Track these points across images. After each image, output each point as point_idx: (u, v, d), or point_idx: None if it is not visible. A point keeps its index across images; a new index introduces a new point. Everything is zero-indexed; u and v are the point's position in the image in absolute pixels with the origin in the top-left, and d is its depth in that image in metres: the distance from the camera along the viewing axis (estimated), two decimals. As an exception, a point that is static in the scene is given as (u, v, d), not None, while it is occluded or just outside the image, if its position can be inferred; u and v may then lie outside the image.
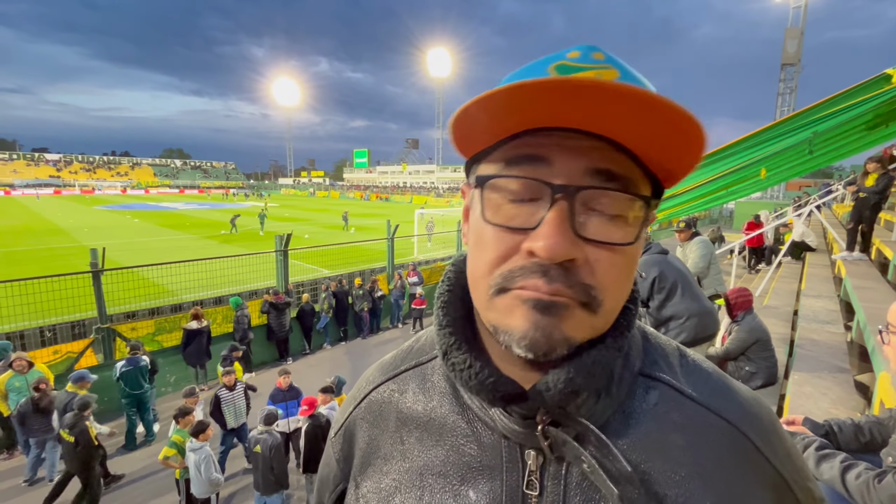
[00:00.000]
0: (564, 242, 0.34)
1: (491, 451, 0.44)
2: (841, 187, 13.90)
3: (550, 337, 0.36)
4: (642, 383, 0.45)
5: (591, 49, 0.38)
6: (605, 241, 0.36)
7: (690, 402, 0.44)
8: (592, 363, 0.38)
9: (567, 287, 0.36)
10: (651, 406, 0.43)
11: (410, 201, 57.57)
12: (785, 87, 38.02)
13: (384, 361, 0.57)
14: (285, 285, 9.35)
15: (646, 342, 0.48)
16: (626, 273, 0.38)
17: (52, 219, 29.68)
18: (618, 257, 0.37)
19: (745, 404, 0.45)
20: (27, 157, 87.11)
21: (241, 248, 17.06)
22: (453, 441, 0.45)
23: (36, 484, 5.05)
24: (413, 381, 0.51)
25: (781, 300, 6.27)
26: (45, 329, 8.04)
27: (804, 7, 36.23)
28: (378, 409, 0.52)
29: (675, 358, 0.48)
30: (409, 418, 0.49)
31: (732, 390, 0.46)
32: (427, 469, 0.45)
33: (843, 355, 3.84)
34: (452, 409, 0.47)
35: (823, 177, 33.86)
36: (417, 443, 0.47)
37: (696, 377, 0.46)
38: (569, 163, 0.36)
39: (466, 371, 0.41)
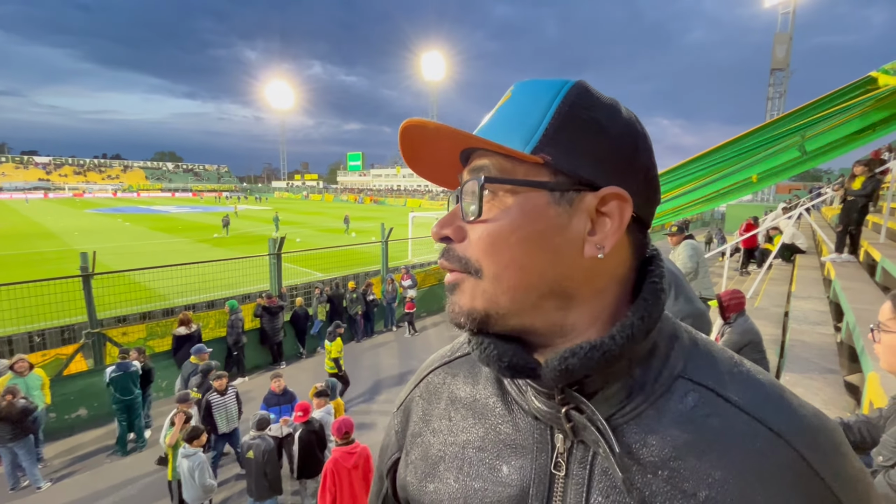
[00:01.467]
0: (435, 226, 0.47)
1: (525, 431, 0.48)
2: (830, 190, 14.10)
3: (453, 311, 0.46)
4: (682, 385, 0.44)
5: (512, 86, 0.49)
6: (467, 220, 0.45)
7: (734, 409, 0.43)
8: (590, 348, 0.41)
9: (447, 260, 0.47)
10: (688, 408, 0.43)
11: (405, 204, 57.55)
12: (774, 92, 38.50)
13: (443, 350, 0.64)
14: (279, 289, 9.30)
15: (693, 347, 0.48)
16: (490, 243, 0.44)
17: (42, 222, 29.32)
18: (479, 229, 0.44)
19: (802, 418, 0.42)
20: (16, 160, 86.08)
21: (234, 251, 16.93)
22: (493, 421, 0.51)
23: (22, 490, 4.97)
24: (464, 367, 0.58)
25: (772, 302, 6.33)
26: (35, 334, 7.94)
27: (793, 12, 36.75)
28: (433, 390, 0.59)
29: (727, 366, 0.46)
30: (458, 399, 0.56)
31: (788, 402, 0.43)
32: (468, 443, 0.51)
33: (833, 356, 3.88)
34: (495, 392, 0.53)
35: (813, 180, 34.34)
36: (462, 420, 0.53)
37: (746, 386, 0.44)
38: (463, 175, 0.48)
39: (478, 348, 0.47)
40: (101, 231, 25.20)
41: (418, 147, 0.47)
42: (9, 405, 4.79)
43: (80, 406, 6.29)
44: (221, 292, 9.78)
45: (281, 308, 8.50)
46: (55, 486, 5.08)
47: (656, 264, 0.47)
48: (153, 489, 4.97)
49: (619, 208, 0.43)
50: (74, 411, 6.25)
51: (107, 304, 7.55)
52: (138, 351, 6.13)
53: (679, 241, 5.50)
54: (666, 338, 0.47)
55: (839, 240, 6.49)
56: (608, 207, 0.43)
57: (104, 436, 6.05)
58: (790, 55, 37.52)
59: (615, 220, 0.43)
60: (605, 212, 0.43)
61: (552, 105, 0.43)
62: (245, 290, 10.32)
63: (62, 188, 74.35)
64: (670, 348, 0.47)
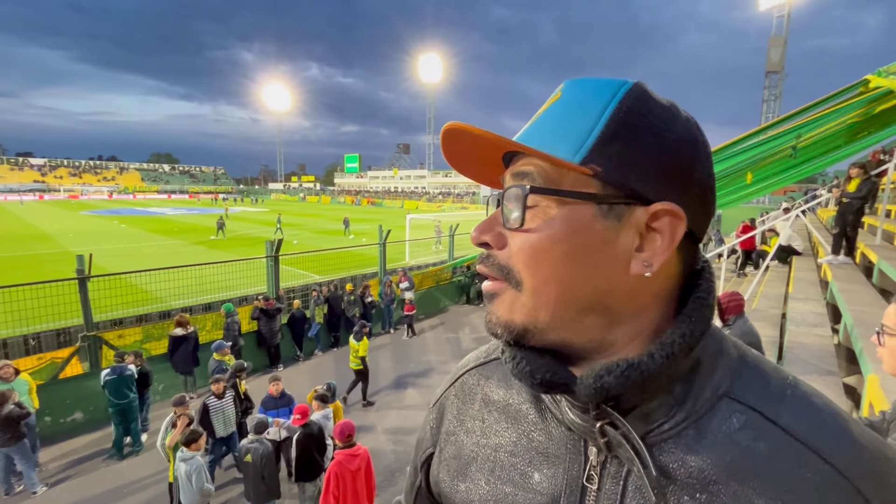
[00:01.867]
0: (475, 231, 0.46)
1: (558, 441, 0.48)
2: (825, 192, 14.18)
3: (490, 321, 0.45)
4: (727, 406, 0.42)
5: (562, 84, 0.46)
6: (509, 227, 0.44)
7: (784, 434, 0.40)
8: (628, 366, 0.39)
9: (487, 267, 0.45)
10: (733, 430, 0.41)
11: (402, 206, 57.55)
12: (770, 94, 38.79)
13: (479, 351, 0.64)
14: (276, 291, 9.27)
15: (742, 365, 0.45)
16: (532, 255, 0.42)
17: (37, 224, 29.14)
18: (521, 239, 0.42)
19: (863, 451, 0.39)
20: (11, 161, 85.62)
21: (231, 253, 16.87)
22: (526, 427, 0.51)
23: (16, 496, 4.93)
24: (498, 370, 0.58)
25: (770, 303, 6.36)
26: (30, 337, 7.88)
27: (787, 16, 37.06)
28: (468, 390, 0.59)
29: (779, 388, 0.43)
30: (492, 401, 0.56)
31: (848, 433, 0.40)
32: (500, 447, 0.52)
33: (831, 358, 3.89)
34: (528, 398, 0.52)
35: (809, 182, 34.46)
36: (495, 423, 0.54)
37: (801, 411, 0.41)
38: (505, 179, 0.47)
39: (511, 361, 0.45)
40: (96, 233, 25.07)
41: (460, 148, 0.46)
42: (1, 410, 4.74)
43: (76, 410, 6.24)
44: (218, 295, 9.73)
45: (278, 310, 8.47)
46: (51, 490, 5.03)
47: (705, 278, 0.45)
48: (149, 494, 4.94)
49: (671, 225, 0.40)
50: (70, 415, 6.19)
51: (103, 306, 7.51)
52: (135, 355, 6.09)
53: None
54: (710, 354, 0.44)
55: (835, 242, 6.51)
56: (659, 223, 0.40)
57: (100, 440, 6.01)
58: (785, 58, 37.82)
59: (666, 237, 0.40)
60: (655, 227, 0.41)
61: (606, 110, 0.40)
62: (242, 292, 10.29)
63: (58, 190, 73.97)
64: (715, 365, 0.44)
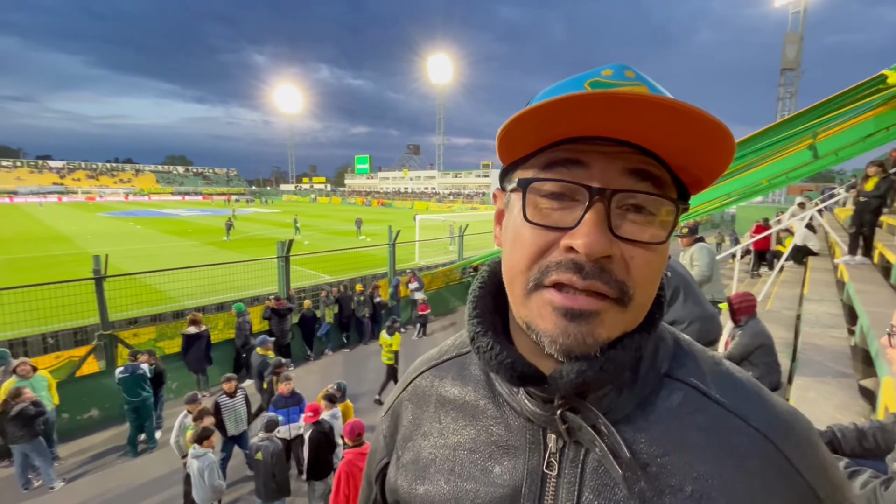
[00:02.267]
0: (602, 240, 0.38)
1: (516, 432, 0.48)
2: (843, 191, 13.89)
3: (584, 343, 0.40)
4: (668, 384, 0.46)
5: (624, 68, 0.42)
6: (639, 241, 0.39)
7: (717, 406, 0.45)
8: (606, 360, 0.41)
9: (602, 283, 0.39)
10: (674, 406, 0.45)
11: (412, 207, 57.70)
12: (785, 92, 38.11)
13: (430, 353, 0.63)
14: (287, 291, 9.36)
15: (677, 347, 0.50)
16: (657, 270, 0.41)
17: (56, 226, 29.81)
18: (651, 255, 0.40)
19: (778, 415, 0.45)
20: (31, 164, 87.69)
21: (243, 254, 17.08)
22: (484, 422, 0.51)
23: (34, 490, 5.05)
24: (453, 370, 0.57)
25: (784, 305, 6.25)
26: (48, 336, 8.07)
27: (803, 12, 36.38)
28: (421, 393, 0.59)
29: (708, 365, 0.48)
30: (448, 401, 0.55)
31: (765, 400, 0.46)
32: (459, 445, 0.51)
33: (846, 360, 3.82)
34: (485, 394, 0.52)
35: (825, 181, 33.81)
36: (453, 422, 0.53)
37: (727, 384, 0.47)
38: (605, 166, 0.39)
39: (488, 352, 0.45)
40: (113, 234, 25.56)
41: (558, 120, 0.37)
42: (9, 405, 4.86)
43: (92, 407, 6.38)
44: (230, 294, 9.87)
45: (289, 310, 8.55)
46: (68, 485, 5.15)
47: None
48: (163, 490, 5.02)
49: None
50: (87, 412, 6.33)
51: (118, 306, 7.66)
52: (149, 353, 6.20)
53: (690, 244, 5.45)
54: (653, 339, 0.48)
55: (852, 242, 6.38)
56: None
57: (116, 436, 6.12)
58: (801, 55, 37.12)
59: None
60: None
61: None
62: (254, 292, 10.41)
63: (75, 192, 75.57)
64: (656, 348, 0.48)
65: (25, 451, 4.99)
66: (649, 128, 0.36)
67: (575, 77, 0.43)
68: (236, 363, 7.96)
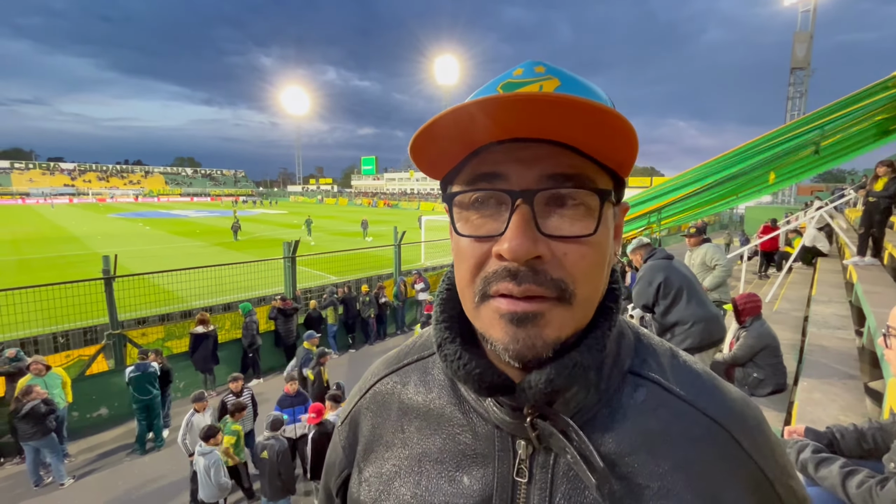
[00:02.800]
0: (525, 242, 0.37)
1: (485, 440, 0.47)
2: (853, 191, 13.71)
3: (533, 347, 0.39)
4: (631, 381, 0.47)
5: (534, 64, 0.42)
6: (568, 236, 0.39)
7: (677, 399, 0.46)
8: (574, 365, 0.40)
9: (537, 285, 0.38)
10: (638, 402, 0.45)
11: (418, 207, 57.75)
12: (795, 91, 37.66)
13: (389, 356, 0.61)
14: (293, 291, 9.42)
15: (638, 343, 0.50)
16: (594, 263, 0.40)
17: (67, 226, 30.21)
18: (584, 248, 0.39)
19: (731, 403, 0.47)
20: (43, 166, 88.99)
21: (251, 254, 17.21)
22: (450, 430, 0.49)
23: (45, 487, 5.13)
24: (415, 374, 0.55)
25: (791, 306, 6.19)
26: (59, 335, 8.18)
27: (813, 10, 35.96)
28: (381, 400, 0.56)
29: (667, 359, 0.49)
30: (410, 408, 0.52)
31: (720, 390, 0.48)
32: (425, 456, 0.49)
33: (853, 361, 3.78)
34: (450, 400, 0.50)
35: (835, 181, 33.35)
36: (417, 431, 0.51)
37: (684, 377, 0.48)
38: (523, 173, 0.39)
39: (456, 362, 0.44)
40: (122, 235, 25.86)
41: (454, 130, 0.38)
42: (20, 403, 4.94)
43: (102, 405, 6.47)
44: (238, 295, 9.95)
45: (295, 310, 8.60)
46: (77, 482, 5.22)
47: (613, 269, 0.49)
48: (170, 487, 5.07)
49: (623, 217, 0.47)
50: (96, 410, 6.42)
51: (127, 306, 7.76)
52: (156, 353, 6.27)
53: (697, 244, 5.43)
54: (615, 336, 0.48)
55: (861, 242, 6.30)
56: (621, 218, 0.47)
57: (124, 434, 6.20)
58: (811, 54, 36.69)
59: (621, 227, 0.47)
60: (618, 223, 0.46)
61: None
62: (261, 292, 10.49)
63: (86, 194, 76.56)
64: (619, 346, 0.48)
65: (37, 447, 5.07)
66: (555, 124, 0.36)
67: (490, 82, 0.43)
68: (243, 363, 8.03)
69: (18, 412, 4.91)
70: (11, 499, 4.95)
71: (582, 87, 0.41)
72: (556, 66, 0.42)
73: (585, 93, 0.41)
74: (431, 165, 0.43)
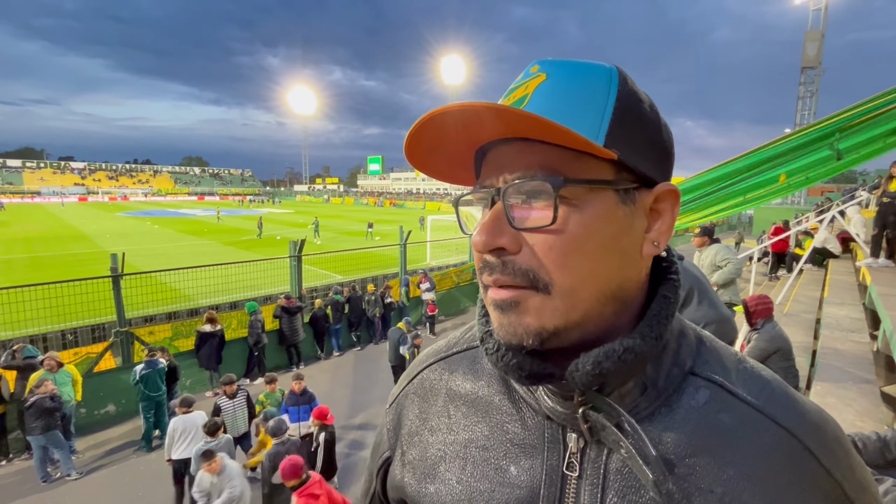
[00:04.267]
0: (483, 235, 0.40)
1: (534, 430, 0.46)
2: (866, 192, 13.51)
3: (515, 332, 0.41)
4: (692, 382, 0.45)
5: (533, 64, 0.44)
6: (530, 227, 0.40)
7: (743, 404, 0.43)
8: (624, 350, 0.39)
9: (505, 275, 0.40)
10: (700, 405, 0.43)
11: (424, 207, 57.84)
12: (806, 91, 37.24)
13: (438, 345, 0.61)
14: (299, 290, 9.44)
15: (700, 344, 0.48)
16: (563, 253, 0.39)
17: (77, 225, 30.56)
18: (550, 238, 0.39)
19: (806, 413, 0.44)
20: (54, 165, 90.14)
21: (259, 253, 17.30)
22: (498, 419, 0.48)
23: (53, 482, 5.16)
24: (463, 363, 0.55)
25: (803, 308, 6.10)
26: (67, 332, 8.26)
27: (824, 9, 35.53)
28: (429, 386, 0.56)
29: (733, 363, 0.47)
30: (458, 395, 0.53)
31: (793, 399, 0.45)
32: (471, 442, 0.49)
33: (868, 365, 3.70)
34: (499, 389, 0.50)
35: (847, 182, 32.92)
36: (464, 418, 0.51)
37: (753, 383, 0.45)
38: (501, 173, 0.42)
39: (495, 354, 0.44)
40: (131, 233, 26.12)
41: (437, 140, 0.42)
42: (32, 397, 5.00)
43: (109, 402, 6.51)
44: (244, 293, 9.99)
45: (300, 309, 8.62)
46: (84, 479, 5.25)
47: (669, 260, 0.47)
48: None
49: (672, 204, 0.44)
50: (103, 407, 6.47)
51: (135, 303, 7.81)
52: (162, 350, 6.31)
53: (702, 244, 5.36)
54: (675, 334, 0.46)
55: (875, 244, 6.19)
56: (662, 204, 0.43)
57: (131, 431, 6.24)
58: (822, 53, 36.26)
59: (668, 216, 0.44)
60: (657, 208, 0.44)
61: (610, 94, 0.40)
62: (267, 291, 10.52)
63: (96, 192, 77.47)
64: (679, 345, 0.46)
65: (43, 443, 5.10)
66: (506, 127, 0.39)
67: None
68: (248, 362, 8.05)
69: (25, 403, 4.97)
70: (19, 494, 4.99)
71: (570, 75, 0.41)
72: (552, 60, 0.43)
73: (572, 79, 0.41)
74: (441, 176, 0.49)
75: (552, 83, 0.41)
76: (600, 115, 0.39)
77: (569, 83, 0.40)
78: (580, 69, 0.41)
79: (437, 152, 0.45)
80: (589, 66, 0.42)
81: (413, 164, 0.46)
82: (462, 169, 0.48)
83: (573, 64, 0.42)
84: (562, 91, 0.40)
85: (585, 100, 0.39)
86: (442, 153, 0.45)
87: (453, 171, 0.49)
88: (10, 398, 5.54)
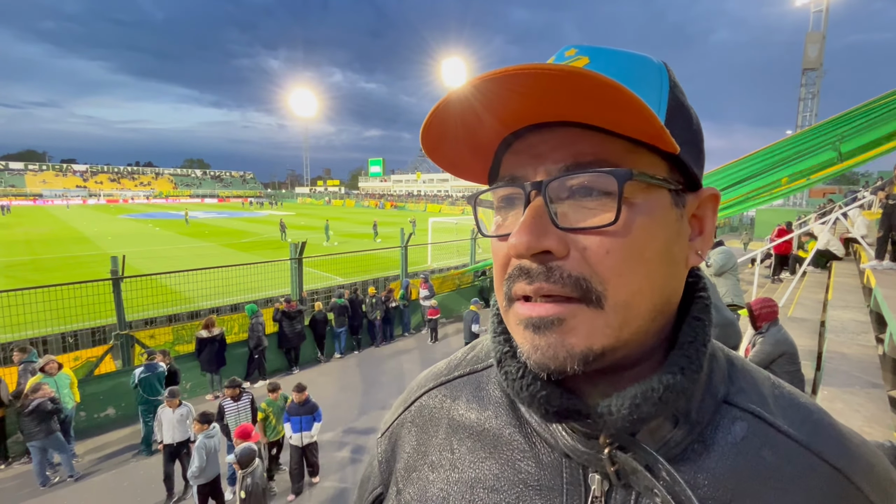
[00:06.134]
0: (527, 235, 0.34)
1: (550, 470, 0.40)
2: (868, 194, 13.45)
3: (555, 356, 0.34)
4: (727, 413, 0.40)
5: (567, 48, 0.39)
6: (585, 227, 0.34)
7: (786, 439, 0.39)
8: (665, 389, 0.35)
9: (551, 283, 0.34)
10: (738, 439, 0.38)
11: (425, 209, 57.82)
12: (807, 93, 37.18)
13: (437, 367, 0.55)
14: (299, 293, 9.40)
15: (731, 367, 0.43)
16: (626, 259, 0.34)
17: (79, 227, 30.59)
18: (608, 241, 0.34)
19: (854, 448, 0.40)
20: (56, 167, 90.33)
21: (261, 255, 17.28)
22: (509, 455, 0.42)
23: (52, 487, 5.12)
24: (467, 389, 0.49)
25: (807, 311, 6.06)
26: (68, 335, 8.24)
27: (825, 11, 35.52)
28: (428, 414, 0.50)
29: (768, 388, 0.42)
30: (462, 426, 0.46)
31: (839, 432, 0.41)
32: (478, 482, 0.42)
33: (875, 369, 3.66)
34: (509, 421, 0.44)
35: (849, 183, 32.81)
36: (469, 453, 0.44)
37: (793, 412, 0.41)
38: (542, 165, 0.35)
39: (518, 381, 0.38)
40: (132, 236, 26.12)
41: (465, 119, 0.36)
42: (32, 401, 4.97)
43: (109, 406, 6.47)
44: (245, 296, 9.97)
45: (299, 312, 8.58)
46: (83, 482, 5.21)
47: (696, 275, 0.42)
48: (175, 488, 5.05)
49: (713, 211, 0.40)
50: (103, 411, 6.43)
51: (136, 306, 7.78)
52: (162, 353, 6.28)
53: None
54: (707, 357, 0.41)
55: (880, 246, 6.15)
56: (705, 209, 0.40)
57: (131, 435, 6.20)
58: (823, 54, 36.23)
59: (710, 222, 0.40)
60: (699, 214, 0.40)
61: (663, 85, 0.37)
62: (268, 294, 10.50)
63: (97, 195, 77.65)
64: (711, 370, 0.41)
65: (43, 447, 5.07)
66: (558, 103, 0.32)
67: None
68: (249, 364, 8.01)
69: (25, 408, 4.94)
70: (18, 498, 4.95)
71: (618, 60, 0.37)
72: (592, 46, 0.38)
73: (621, 66, 0.36)
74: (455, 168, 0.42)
75: (601, 68, 0.36)
76: (656, 108, 0.35)
77: (620, 70, 0.36)
78: (630, 58, 0.38)
79: (452, 139, 0.38)
80: (639, 57, 0.38)
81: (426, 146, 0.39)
82: (477, 160, 0.41)
83: (618, 52, 0.38)
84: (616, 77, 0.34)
85: (641, 90, 0.34)
86: (457, 140, 0.38)
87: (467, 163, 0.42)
88: (9, 402, 5.52)
